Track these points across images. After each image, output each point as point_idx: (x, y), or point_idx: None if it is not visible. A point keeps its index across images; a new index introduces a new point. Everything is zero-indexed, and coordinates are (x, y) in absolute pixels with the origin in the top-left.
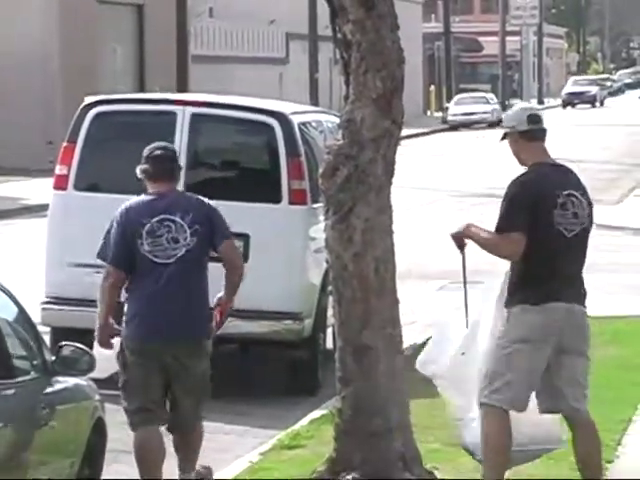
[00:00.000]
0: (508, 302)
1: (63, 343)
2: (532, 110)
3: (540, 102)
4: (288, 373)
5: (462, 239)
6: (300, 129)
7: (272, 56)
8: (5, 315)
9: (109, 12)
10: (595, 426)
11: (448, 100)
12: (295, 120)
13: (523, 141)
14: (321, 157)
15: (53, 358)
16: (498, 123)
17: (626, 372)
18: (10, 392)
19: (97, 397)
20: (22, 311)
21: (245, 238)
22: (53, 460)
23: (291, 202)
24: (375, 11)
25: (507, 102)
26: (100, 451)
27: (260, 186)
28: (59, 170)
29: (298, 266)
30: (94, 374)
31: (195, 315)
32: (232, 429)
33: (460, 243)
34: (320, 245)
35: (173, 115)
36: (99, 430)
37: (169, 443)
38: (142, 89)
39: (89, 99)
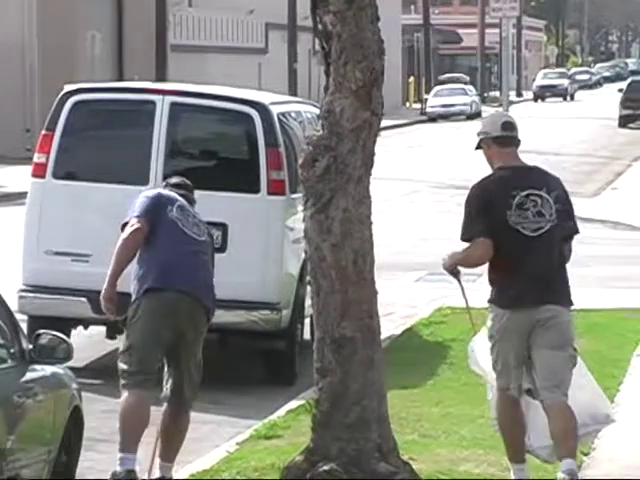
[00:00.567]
0: (490, 300)
1: (40, 331)
2: (507, 117)
3: (519, 94)
4: (265, 363)
5: (454, 268)
6: (279, 119)
7: (251, 46)
8: None
9: (88, 0)
10: (571, 410)
11: (427, 92)
12: (274, 110)
13: (496, 146)
14: (300, 147)
15: (30, 346)
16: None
17: (601, 365)
18: None
19: (74, 385)
20: None
21: (223, 227)
22: (30, 447)
23: (270, 192)
24: (356, 2)
25: (486, 94)
26: (77, 439)
27: (239, 176)
28: (37, 158)
29: (276, 256)
30: (71, 362)
31: (206, 286)
32: (209, 418)
33: (454, 273)
34: (298, 235)
35: (152, 104)
36: (76, 418)
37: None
38: (121, 77)
39: (68, 87)
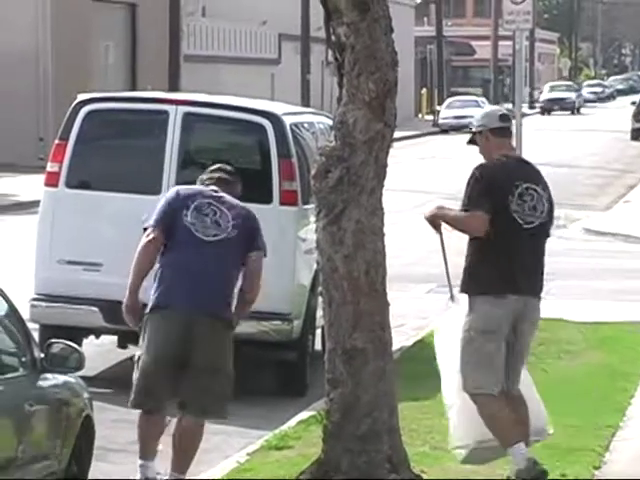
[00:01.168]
0: (467, 288)
1: (52, 340)
2: (502, 110)
3: (531, 107)
4: (276, 374)
5: (436, 220)
6: (292, 130)
7: (264, 57)
8: None
9: (102, 10)
10: (523, 398)
11: (440, 103)
12: (287, 121)
13: (494, 138)
14: (313, 158)
15: (42, 355)
16: None
17: (612, 379)
18: None
19: (86, 395)
20: (12, 308)
21: None
22: (41, 457)
23: (282, 203)
24: (370, 14)
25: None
26: (88, 449)
27: (251, 186)
28: (50, 167)
29: (288, 267)
30: (83, 372)
31: (217, 295)
32: (220, 429)
33: (435, 224)
34: (310, 246)
35: (165, 114)
36: (87, 428)
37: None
38: (134, 87)
39: (81, 97)
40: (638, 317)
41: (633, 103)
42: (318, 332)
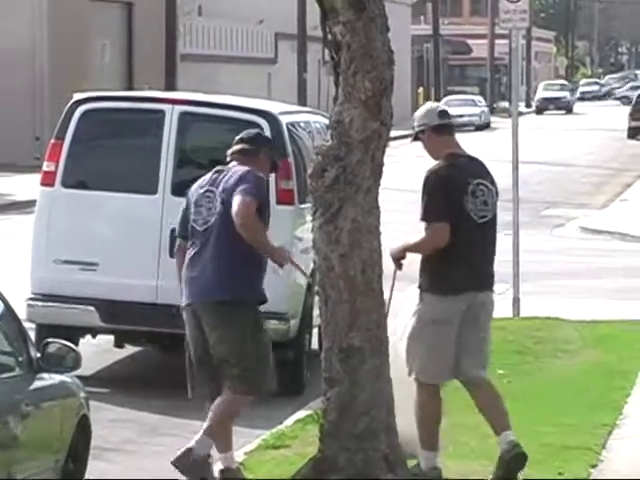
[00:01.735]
0: (420, 283)
1: (49, 340)
2: (440, 107)
3: (528, 105)
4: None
5: (402, 258)
6: (288, 129)
7: (261, 56)
8: None
9: (99, 9)
10: (495, 388)
11: (437, 102)
12: (284, 120)
13: (436, 136)
14: (309, 157)
15: (38, 355)
16: (487, 126)
17: (609, 377)
18: None
19: (82, 394)
20: (8, 307)
21: None
22: (38, 456)
23: (278, 202)
24: (365, 13)
25: (495, 105)
26: (84, 448)
27: None
28: (46, 167)
29: (285, 266)
30: (79, 371)
31: (220, 282)
32: None
33: (399, 262)
34: (307, 245)
35: (161, 113)
36: (84, 427)
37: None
38: (130, 87)
39: (77, 96)
40: (635, 315)
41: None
42: (315, 331)
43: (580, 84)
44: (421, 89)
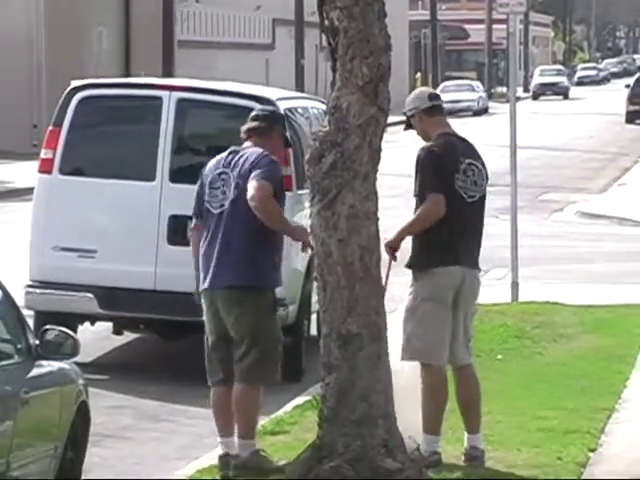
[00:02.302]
0: (411, 262)
1: (47, 327)
2: (430, 90)
3: (526, 90)
4: None
5: (397, 247)
6: (286, 115)
7: (258, 42)
8: None
9: None
10: (477, 376)
11: (434, 87)
12: (281, 106)
13: (427, 117)
14: (307, 143)
15: (37, 342)
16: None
17: (608, 362)
18: None
19: (81, 381)
20: (6, 295)
21: None
22: (37, 443)
23: None
24: None
25: (493, 90)
26: (84, 435)
27: None
28: (44, 154)
29: (283, 252)
30: (78, 358)
31: (232, 266)
32: None
33: (394, 252)
34: None
35: (159, 100)
36: (83, 414)
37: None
38: (128, 73)
39: (75, 83)
40: (634, 300)
41: (627, 86)
42: (313, 317)
43: (578, 69)
44: (419, 74)
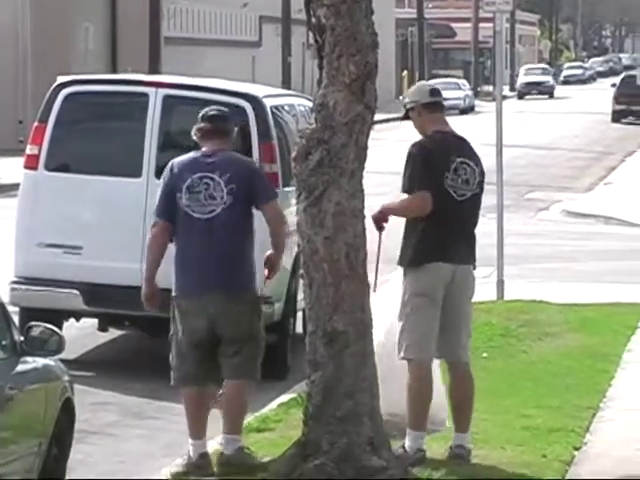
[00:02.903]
0: (401, 260)
1: (32, 323)
2: (431, 85)
3: (512, 89)
4: None
5: (382, 220)
6: (273, 112)
7: (245, 39)
8: None
9: None
10: (472, 375)
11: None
12: (268, 103)
13: (426, 113)
14: (293, 140)
15: (22, 338)
16: (471, 109)
17: (593, 360)
18: None
19: (66, 378)
20: None
21: None
22: (21, 440)
23: None
24: None
25: (479, 88)
26: (68, 432)
27: None
28: (30, 150)
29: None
30: (63, 355)
31: (231, 270)
32: None
33: (380, 224)
34: (291, 229)
35: (145, 96)
36: (68, 411)
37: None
38: (114, 70)
39: (61, 79)
40: (619, 298)
41: (613, 85)
42: (299, 315)
43: (564, 67)
44: (405, 72)
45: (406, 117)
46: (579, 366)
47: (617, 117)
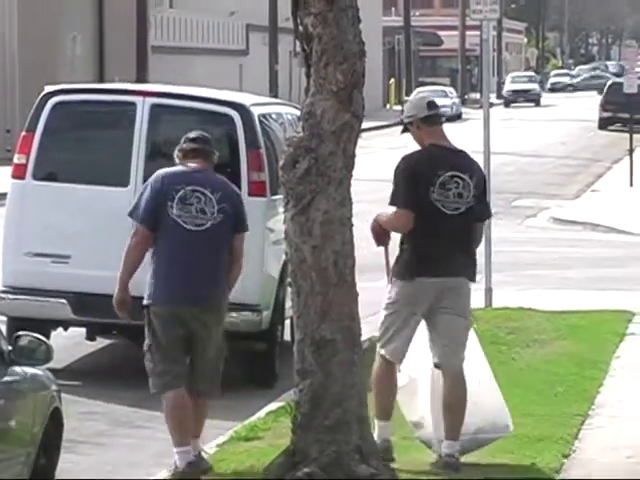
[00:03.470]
0: (393, 271)
1: (20, 333)
2: (429, 98)
3: (499, 97)
4: (246, 365)
5: (381, 231)
6: (260, 121)
7: (232, 48)
8: None
9: (69, 1)
10: (464, 380)
11: (407, 94)
12: (255, 112)
13: (424, 126)
14: (281, 149)
15: (10, 348)
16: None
17: (582, 367)
18: None
19: (54, 387)
20: None
21: None
22: (9, 449)
23: (250, 194)
24: (337, 4)
25: (466, 96)
26: (56, 441)
27: None
28: (17, 159)
29: (257, 258)
30: (51, 364)
31: (215, 284)
32: None
33: (379, 234)
34: (279, 237)
35: (133, 106)
36: (56, 420)
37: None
38: (101, 79)
39: (49, 88)
40: (607, 305)
41: (600, 92)
42: (287, 323)
43: (551, 75)
44: (392, 80)
45: (405, 130)
46: (567, 373)
47: (604, 124)
